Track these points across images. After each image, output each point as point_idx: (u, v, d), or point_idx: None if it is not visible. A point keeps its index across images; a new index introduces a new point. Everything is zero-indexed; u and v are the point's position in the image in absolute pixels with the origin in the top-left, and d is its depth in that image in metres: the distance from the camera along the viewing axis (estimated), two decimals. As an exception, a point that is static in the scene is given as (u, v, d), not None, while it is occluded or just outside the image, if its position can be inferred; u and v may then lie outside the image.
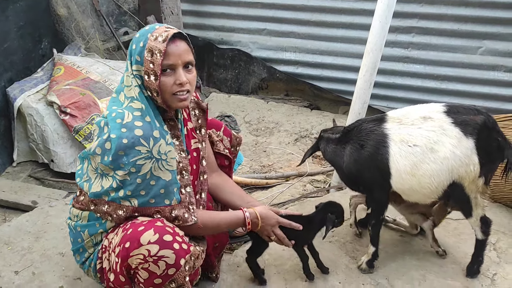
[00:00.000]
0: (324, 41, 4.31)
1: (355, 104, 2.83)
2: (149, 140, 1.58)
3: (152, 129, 1.60)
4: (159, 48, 1.58)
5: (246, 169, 3.41)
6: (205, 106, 1.99)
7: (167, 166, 1.63)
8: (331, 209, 2.10)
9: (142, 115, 1.62)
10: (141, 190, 1.61)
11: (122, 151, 1.56)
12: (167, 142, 1.63)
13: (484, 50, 3.85)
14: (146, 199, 1.63)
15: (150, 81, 1.61)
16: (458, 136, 1.95)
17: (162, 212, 1.66)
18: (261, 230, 1.92)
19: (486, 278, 2.27)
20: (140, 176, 1.59)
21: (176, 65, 1.63)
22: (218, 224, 1.85)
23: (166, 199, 1.65)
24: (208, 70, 4.92)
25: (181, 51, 1.63)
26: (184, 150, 1.77)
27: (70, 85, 3.45)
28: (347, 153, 2.18)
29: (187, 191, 1.74)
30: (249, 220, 1.87)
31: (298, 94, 4.70)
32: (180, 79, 1.63)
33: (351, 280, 2.23)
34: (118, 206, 1.65)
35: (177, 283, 1.60)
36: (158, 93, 1.63)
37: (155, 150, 1.59)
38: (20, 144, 3.46)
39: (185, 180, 1.75)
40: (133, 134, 1.57)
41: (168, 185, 1.64)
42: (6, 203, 2.97)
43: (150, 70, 1.60)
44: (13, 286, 2.09)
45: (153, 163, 1.59)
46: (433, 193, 2.04)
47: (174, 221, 1.67)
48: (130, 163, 1.57)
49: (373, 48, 2.65)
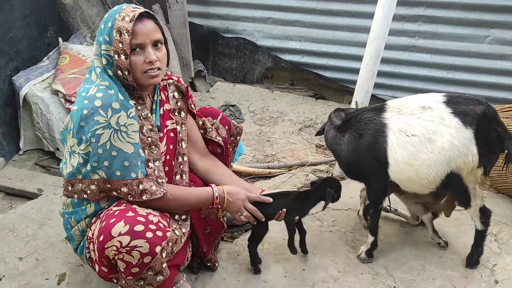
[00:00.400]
0: (330, 30, 4.26)
1: (358, 94, 2.81)
2: (107, 110, 1.62)
3: (112, 100, 1.64)
4: (127, 28, 1.61)
5: (249, 158, 3.42)
6: (184, 89, 2.02)
7: (128, 139, 1.66)
8: (330, 184, 2.13)
9: (106, 88, 1.67)
10: (104, 161, 1.64)
11: (83, 121, 1.61)
12: (128, 115, 1.66)
13: (492, 39, 3.78)
14: (111, 170, 1.66)
15: (121, 60, 1.65)
16: (457, 126, 1.94)
17: (129, 185, 1.68)
18: (231, 206, 1.93)
19: (485, 269, 2.27)
20: (100, 146, 1.62)
21: (144, 44, 1.66)
22: (187, 198, 1.85)
23: (132, 173, 1.68)
24: (213, 59, 4.90)
25: (148, 30, 1.66)
26: (154, 125, 1.80)
27: (75, 74, 3.47)
28: (345, 141, 2.18)
29: (155, 165, 1.76)
30: (217, 195, 1.88)
31: (303, 83, 4.67)
32: (149, 57, 1.66)
33: (350, 269, 2.24)
34: (90, 181, 1.69)
35: (154, 270, 1.62)
36: (130, 72, 1.66)
37: (113, 121, 1.62)
38: (26, 133, 3.49)
39: (154, 155, 1.77)
40: (93, 104, 1.61)
41: (131, 158, 1.66)
42: (13, 190, 3.02)
43: (120, 50, 1.63)
44: (17, 272, 2.14)
45: (112, 133, 1.62)
46: (430, 183, 2.04)
47: (142, 194, 1.69)
48: (90, 132, 1.61)
49: (376, 37, 2.62)
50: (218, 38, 4.75)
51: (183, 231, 1.81)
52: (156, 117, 1.87)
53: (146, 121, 1.78)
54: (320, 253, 2.32)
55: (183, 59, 4.53)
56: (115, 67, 1.68)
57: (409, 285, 2.14)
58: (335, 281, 2.16)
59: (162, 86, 1.95)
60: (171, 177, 1.94)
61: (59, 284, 2.08)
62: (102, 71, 1.70)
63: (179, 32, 4.47)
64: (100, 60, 1.70)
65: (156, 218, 1.67)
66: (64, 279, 2.11)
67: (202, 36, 4.76)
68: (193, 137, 2.07)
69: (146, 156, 1.73)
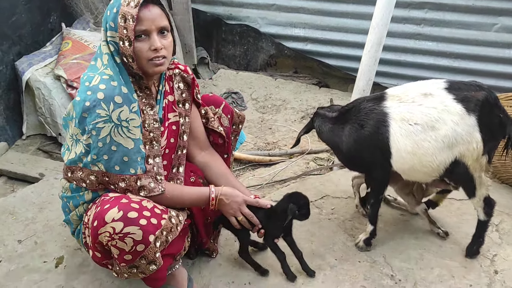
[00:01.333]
0: (334, 17, 4.21)
1: (360, 81, 2.77)
2: (109, 104, 1.58)
3: (114, 93, 1.60)
4: (132, 14, 1.57)
5: (250, 146, 3.41)
6: (190, 80, 1.96)
7: (129, 134, 1.63)
8: (293, 200, 1.97)
9: (109, 79, 1.62)
10: (104, 155, 1.62)
11: (85, 113, 1.59)
12: (131, 110, 1.62)
13: (500, 27, 3.71)
14: (110, 164, 1.64)
15: (125, 47, 1.60)
16: (460, 113, 1.90)
17: (127, 180, 1.66)
18: (227, 208, 1.89)
19: (485, 259, 2.25)
20: (101, 139, 1.60)
21: (150, 31, 1.61)
22: (184, 197, 1.83)
23: (131, 168, 1.66)
24: (217, 46, 4.87)
25: (154, 16, 1.61)
26: (157, 120, 1.77)
27: (77, 59, 3.46)
28: (346, 133, 2.14)
29: (155, 161, 1.74)
30: (213, 196, 1.85)
31: (307, 71, 4.63)
32: (154, 44, 1.61)
33: (347, 257, 2.23)
34: (89, 171, 1.67)
35: (147, 259, 1.61)
36: (134, 59, 1.62)
37: (114, 115, 1.59)
38: (29, 118, 3.51)
39: (155, 151, 1.75)
40: (95, 96, 1.58)
41: (130, 154, 1.64)
42: (15, 175, 3.04)
43: (124, 36, 1.59)
44: (15, 255, 2.16)
45: (113, 128, 1.59)
46: (434, 171, 2.01)
47: (140, 191, 1.68)
48: (92, 125, 1.58)
49: (378, 23, 2.58)
50: (221, 25, 4.71)
51: (179, 219, 1.78)
52: (159, 109, 1.83)
53: (149, 115, 1.74)
54: (318, 241, 2.31)
55: (186, 46, 4.50)
56: (121, 54, 1.64)
57: (406, 274, 2.13)
58: (332, 268, 2.15)
59: (168, 76, 1.90)
60: (169, 169, 1.91)
61: (57, 267, 2.10)
62: (110, 58, 1.65)
63: (182, 19, 4.44)
64: (107, 47, 1.66)
65: (151, 204, 1.66)
66: (62, 262, 2.13)
67: (206, 23, 4.73)
68: (195, 130, 2.02)
69: (146, 152, 1.71)
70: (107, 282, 2.02)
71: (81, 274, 2.06)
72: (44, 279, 2.02)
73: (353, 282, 2.07)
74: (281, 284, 2.04)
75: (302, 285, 2.04)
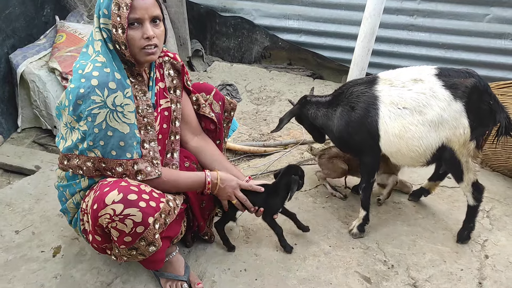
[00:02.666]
0: (328, 9, 4.23)
1: (353, 71, 2.81)
2: (103, 90, 1.60)
3: (108, 79, 1.62)
4: (125, 2, 1.59)
5: (245, 137, 3.43)
6: (179, 67, 2.00)
7: (124, 119, 1.65)
8: (293, 171, 2.09)
9: (102, 66, 1.64)
10: (100, 140, 1.64)
11: (80, 100, 1.60)
12: (125, 95, 1.64)
13: (491, 17, 3.75)
14: (106, 149, 1.66)
15: (118, 35, 1.63)
16: (448, 99, 1.94)
17: (124, 165, 1.69)
18: (222, 192, 1.93)
19: (476, 244, 2.29)
20: (96, 125, 1.62)
21: (143, 19, 1.64)
22: (180, 181, 1.85)
23: (127, 153, 1.68)
24: (211, 39, 4.88)
25: (147, 4, 1.64)
26: (151, 105, 1.79)
27: (71, 52, 3.46)
28: (337, 115, 2.18)
29: (151, 146, 1.77)
30: (209, 180, 1.88)
31: (301, 63, 4.65)
32: (147, 33, 1.64)
33: (341, 244, 2.27)
34: (86, 158, 1.69)
35: (147, 241, 1.65)
36: (126, 46, 1.65)
37: (109, 101, 1.61)
38: (24, 111, 3.51)
39: (150, 135, 1.78)
40: (89, 83, 1.60)
41: (126, 138, 1.67)
42: (11, 167, 3.04)
43: (118, 24, 1.61)
44: (13, 245, 2.17)
45: (108, 114, 1.62)
46: (421, 156, 2.04)
47: (137, 175, 1.71)
48: (87, 111, 1.60)
49: (371, 14, 2.60)
50: (215, 17, 4.72)
51: (176, 202, 1.82)
52: (152, 95, 1.86)
53: (143, 100, 1.77)
54: (313, 229, 2.34)
55: (180, 38, 4.51)
56: (113, 41, 1.66)
57: (399, 259, 2.17)
58: (326, 255, 2.19)
59: (158, 64, 1.94)
60: (163, 155, 1.94)
61: (54, 257, 2.12)
62: (102, 44, 1.67)
63: (176, 11, 4.43)
64: (100, 33, 1.68)
65: (149, 188, 1.69)
66: (59, 251, 2.15)
67: (200, 15, 4.73)
68: (187, 116, 2.06)
69: (141, 136, 1.73)
70: (104, 270, 2.04)
71: (78, 263, 2.08)
72: (42, 268, 2.04)
73: (346, 267, 2.11)
74: (275, 271, 2.08)
75: (296, 272, 2.08)
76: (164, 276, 1.96)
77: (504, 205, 2.61)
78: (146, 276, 2.01)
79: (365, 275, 2.07)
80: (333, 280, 2.04)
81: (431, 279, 2.06)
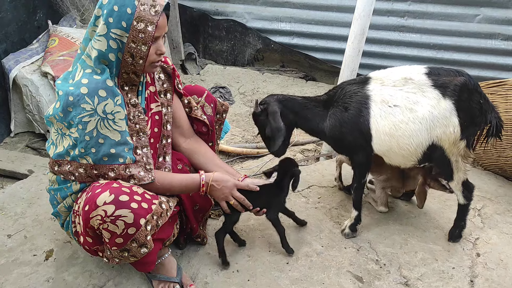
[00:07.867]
0: (319, 11, 4.26)
1: (344, 72, 2.82)
2: (93, 98, 1.60)
3: (98, 87, 1.62)
4: (152, 21, 1.60)
5: (238, 139, 3.44)
6: (170, 71, 2.00)
7: (115, 126, 1.65)
8: (292, 164, 2.14)
9: (91, 72, 1.64)
10: (92, 148, 1.64)
11: (70, 107, 1.61)
12: (115, 103, 1.64)
13: (482, 18, 3.79)
14: (98, 157, 1.66)
15: (139, 50, 1.63)
16: (437, 98, 1.95)
17: (116, 170, 1.69)
18: (218, 193, 1.92)
19: (468, 242, 2.31)
20: (87, 133, 1.62)
21: (160, 37, 1.68)
22: (174, 185, 1.84)
23: (119, 158, 1.68)
24: (204, 42, 4.89)
25: (165, 23, 1.68)
26: (142, 112, 1.79)
27: (64, 56, 3.46)
28: (331, 115, 2.19)
29: (143, 152, 1.77)
30: (203, 182, 1.87)
31: (294, 65, 4.67)
32: (161, 49, 1.69)
33: (333, 244, 2.28)
34: (78, 164, 1.69)
35: (138, 242, 1.64)
36: (145, 61, 1.67)
37: (99, 109, 1.61)
38: (17, 115, 3.51)
39: (142, 142, 1.78)
40: (79, 91, 1.60)
41: (117, 145, 1.66)
42: (4, 172, 3.04)
43: (140, 40, 1.62)
44: (5, 249, 2.17)
45: (99, 121, 1.62)
46: (412, 154, 2.06)
47: (130, 179, 1.70)
48: (77, 119, 1.61)
49: (361, 14, 2.62)
50: (208, 21, 4.73)
51: (170, 204, 1.81)
52: (142, 100, 1.86)
53: (134, 107, 1.77)
54: (305, 229, 2.35)
55: (173, 42, 4.52)
56: (124, 52, 1.65)
57: (391, 258, 2.18)
58: (319, 255, 2.20)
59: None
60: (155, 159, 1.94)
61: (46, 260, 2.11)
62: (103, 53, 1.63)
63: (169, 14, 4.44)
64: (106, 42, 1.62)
65: (141, 189, 1.69)
66: (51, 255, 2.14)
67: (192, 18, 4.75)
68: (178, 119, 2.05)
69: (134, 143, 1.73)
70: (97, 273, 2.04)
71: (71, 266, 2.07)
72: (34, 272, 2.04)
73: (339, 267, 2.12)
74: (268, 271, 2.08)
75: (289, 272, 2.08)
76: (157, 278, 1.96)
77: (495, 204, 2.63)
78: (138, 278, 2.01)
79: (357, 275, 2.08)
80: (326, 280, 2.05)
81: (423, 277, 2.07)
